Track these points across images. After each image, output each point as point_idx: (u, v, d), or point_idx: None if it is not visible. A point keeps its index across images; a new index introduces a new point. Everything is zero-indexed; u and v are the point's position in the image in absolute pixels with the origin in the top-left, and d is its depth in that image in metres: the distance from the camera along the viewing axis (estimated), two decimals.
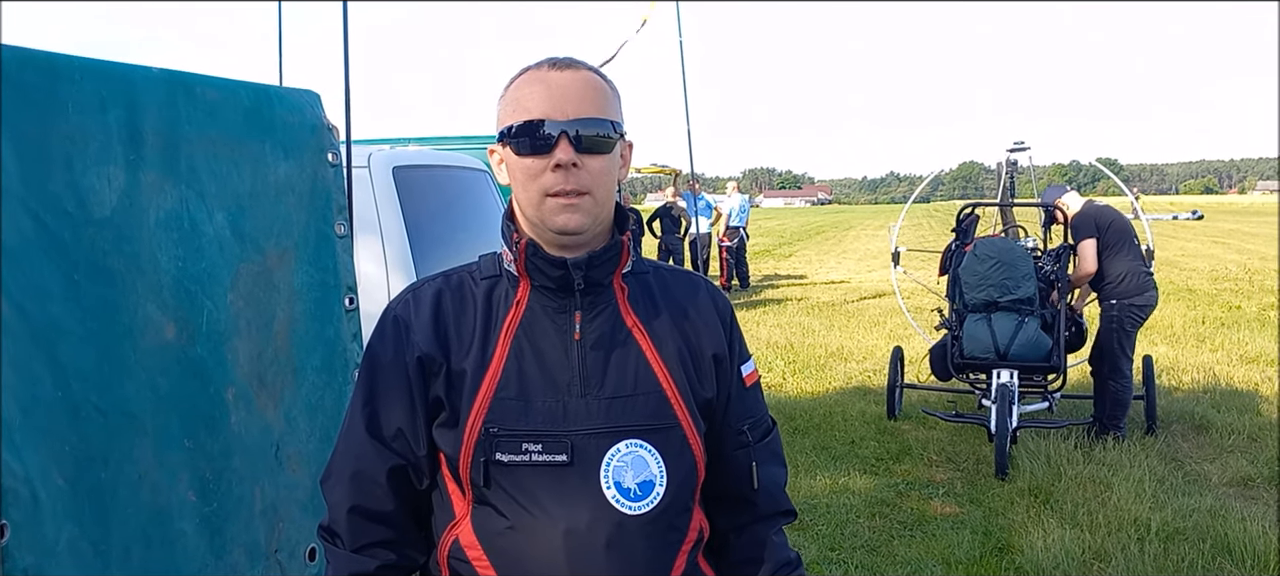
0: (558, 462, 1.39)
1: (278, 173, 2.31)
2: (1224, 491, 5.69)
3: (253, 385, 2.20)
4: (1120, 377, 6.60)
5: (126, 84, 1.98)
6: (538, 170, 1.39)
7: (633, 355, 1.46)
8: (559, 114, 1.38)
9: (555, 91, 1.40)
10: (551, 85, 1.40)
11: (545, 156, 1.38)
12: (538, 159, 1.39)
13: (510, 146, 1.42)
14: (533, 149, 1.39)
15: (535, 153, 1.39)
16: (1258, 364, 9.46)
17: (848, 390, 8.58)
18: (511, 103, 1.43)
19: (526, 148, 1.40)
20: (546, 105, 1.39)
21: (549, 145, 1.38)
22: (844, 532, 5.08)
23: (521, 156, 1.41)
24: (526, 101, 1.40)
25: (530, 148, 1.39)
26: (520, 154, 1.41)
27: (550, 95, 1.39)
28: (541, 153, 1.39)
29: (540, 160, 1.39)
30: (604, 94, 1.44)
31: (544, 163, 1.39)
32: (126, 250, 1.95)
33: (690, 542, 1.49)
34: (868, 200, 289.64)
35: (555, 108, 1.39)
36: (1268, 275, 18.89)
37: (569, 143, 1.38)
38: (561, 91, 1.40)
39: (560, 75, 1.41)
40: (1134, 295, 6.53)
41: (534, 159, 1.39)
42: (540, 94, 1.40)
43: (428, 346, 1.44)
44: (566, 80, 1.41)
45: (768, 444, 1.63)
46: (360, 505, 1.45)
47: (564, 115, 1.38)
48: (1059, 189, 7.16)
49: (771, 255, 27.88)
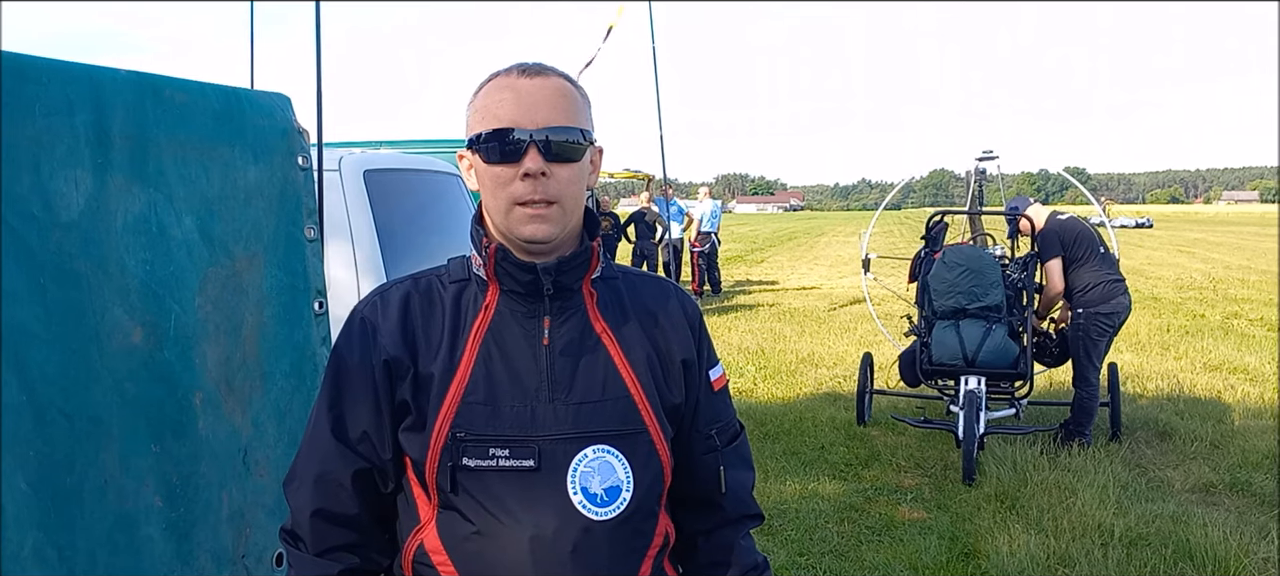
0: (525, 468, 1.39)
1: (247, 176, 2.30)
2: (1186, 497, 5.77)
3: (221, 389, 2.19)
4: (1086, 386, 6.67)
5: (94, 86, 1.96)
6: (506, 178, 1.39)
7: (601, 360, 1.46)
8: (528, 121, 1.38)
9: (525, 99, 1.39)
10: (521, 92, 1.40)
11: (514, 164, 1.38)
12: (507, 167, 1.39)
13: (479, 153, 1.42)
14: (502, 157, 1.39)
15: (504, 160, 1.39)
16: (1220, 371, 9.60)
17: (818, 396, 8.62)
18: (481, 109, 1.42)
19: (495, 155, 1.39)
20: (516, 112, 1.38)
21: (518, 153, 1.38)
22: (812, 538, 5.11)
23: (490, 164, 1.40)
24: (496, 108, 1.40)
25: (499, 155, 1.39)
26: (489, 161, 1.40)
27: (520, 102, 1.39)
28: (510, 160, 1.38)
29: (509, 168, 1.39)
30: (574, 101, 1.43)
31: (513, 170, 1.38)
32: (93, 253, 1.93)
33: (656, 547, 1.50)
34: (840, 206, 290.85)
35: (524, 115, 1.38)
36: (1231, 283, 19.17)
37: (538, 151, 1.38)
38: (531, 98, 1.39)
39: (530, 82, 1.41)
40: (1099, 304, 6.59)
41: (503, 166, 1.39)
42: (510, 101, 1.39)
43: (395, 349, 1.44)
44: (536, 87, 1.41)
45: (736, 448, 1.64)
46: (324, 508, 1.44)
47: (534, 122, 1.38)
48: (1024, 200, 7.21)
49: (743, 261, 27.95)
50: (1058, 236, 6.70)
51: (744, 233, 49.56)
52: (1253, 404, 8.09)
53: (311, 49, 2.54)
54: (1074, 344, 6.71)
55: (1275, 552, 4.77)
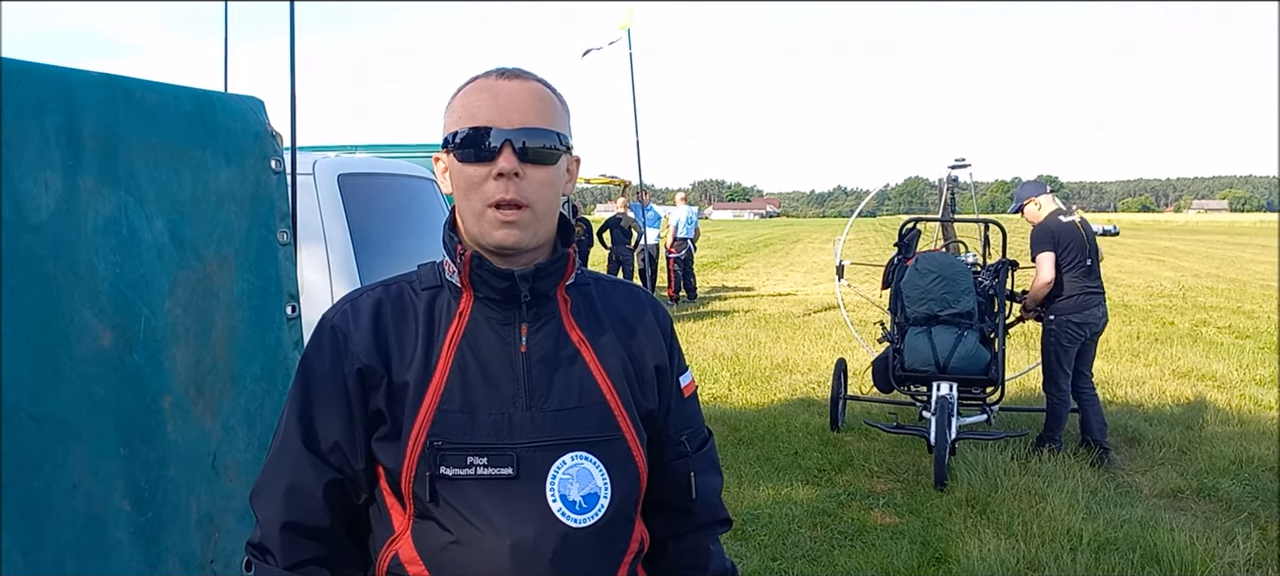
0: (503, 476, 1.38)
1: (219, 179, 2.29)
2: (1154, 502, 5.83)
3: (190, 393, 2.18)
4: (1056, 391, 6.73)
5: (65, 87, 1.95)
6: (480, 178, 1.38)
7: (577, 367, 1.46)
8: (504, 122, 1.38)
9: (502, 100, 1.39)
10: (499, 94, 1.40)
11: (488, 164, 1.38)
12: (480, 167, 1.38)
13: (454, 154, 1.41)
14: (476, 156, 1.38)
15: (478, 160, 1.38)
16: (1189, 378, 9.72)
17: (792, 401, 8.66)
18: (458, 110, 1.42)
19: (470, 155, 1.39)
20: (492, 113, 1.38)
21: (492, 153, 1.37)
22: (785, 543, 5.13)
23: (464, 164, 1.39)
24: (473, 109, 1.40)
25: (474, 155, 1.38)
26: (463, 161, 1.40)
27: (497, 103, 1.39)
28: (484, 160, 1.38)
29: (483, 168, 1.38)
30: (552, 105, 1.43)
31: (486, 171, 1.38)
32: (63, 256, 1.92)
33: (632, 553, 1.50)
34: (816, 213, 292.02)
35: (500, 116, 1.38)
36: (1200, 292, 19.40)
37: (513, 151, 1.37)
38: (508, 100, 1.39)
39: (508, 84, 1.41)
40: (1073, 313, 6.63)
41: (477, 167, 1.38)
42: (487, 102, 1.39)
43: (368, 358, 1.42)
44: (514, 89, 1.40)
45: (705, 453, 1.65)
46: (294, 520, 1.41)
47: (509, 123, 1.38)
48: (1037, 187, 7.03)
49: (719, 267, 28.01)
50: (1051, 234, 6.68)
51: (720, 239, 49.67)
52: (1220, 410, 8.19)
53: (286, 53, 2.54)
54: (1045, 349, 6.77)
55: (1241, 557, 4.84)
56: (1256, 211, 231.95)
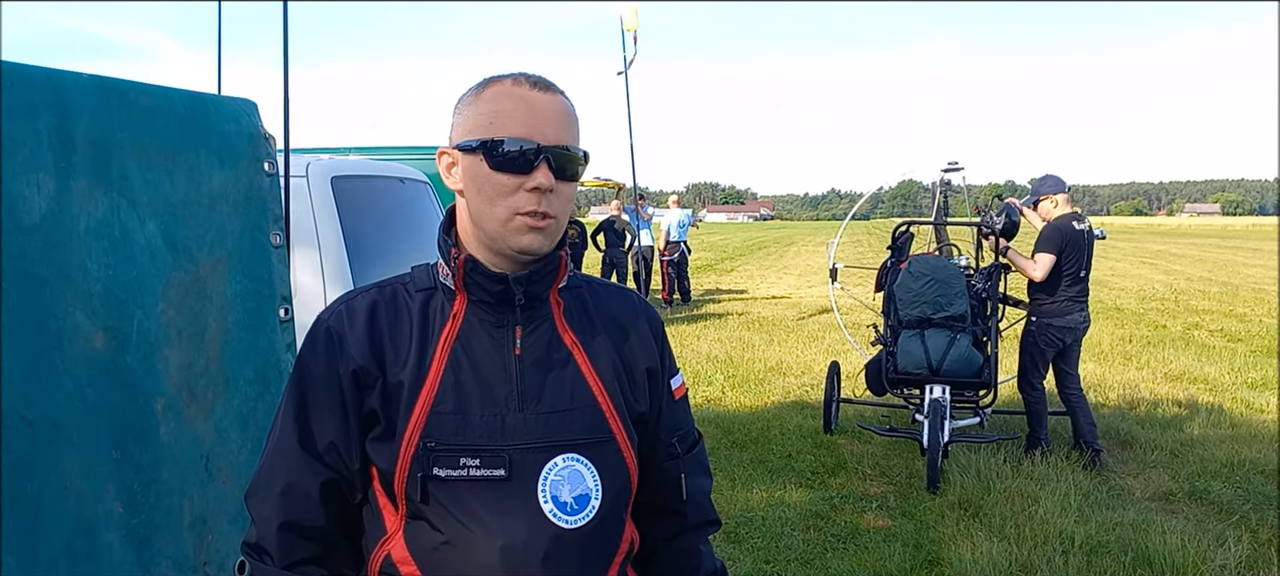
0: (495, 477, 1.39)
1: (212, 181, 2.30)
2: (1146, 505, 5.85)
3: (183, 396, 2.18)
4: (1032, 391, 6.80)
5: (58, 90, 1.96)
6: (511, 188, 1.39)
7: (569, 369, 1.47)
8: (541, 137, 1.39)
9: (538, 113, 1.40)
10: (534, 106, 1.40)
11: (522, 176, 1.38)
12: (513, 177, 1.39)
13: (484, 158, 1.40)
14: (513, 167, 1.38)
15: (514, 171, 1.38)
16: (1181, 381, 9.75)
17: (786, 404, 8.67)
18: (488, 114, 1.41)
19: (504, 164, 1.39)
20: (529, 126, 1.39)
21: (529, 166, 1.38)
22: (778, 545, 5.14)
23: (497, 172, 1.39)
24: (508, 116, 1.40)
25: (510, 165, 1.39)
26: (496, 169, 1.39)
27: (533, 115, 1.40)
28: (520, 171, 1.38)
29: (515, 178, 1.39)
30: (576, 122, 1.46)
31: (519, 182, 1.39)
32: (55, 258, 1.92)
33: (622, 554, 1.52)
34: (810, 216, 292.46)
35: (537, 130, 1.39)
36: (1192, 295, 19.46)
37: (550, 168, 1.39)
38: (544, 114, 1.40)
39: (542, 96, 1.42)
40: (1055, 317, 6.65)
41: (509, 176, 1.39)
42: (523, 112, 1.40)
43: (363, 359, 1.43)
44: (548, 103, 1.42)
45: (695, 455, 1.66)
46: (291, 520, 1.43)
47: (546, 139, 1.39)
48: (1058, 183, 6.93)
49: (713, 270, 28.03)
50: (1062, 237, 6.61)
51: (714, 241, 49.71)
52: (1212, 414, 8.21)
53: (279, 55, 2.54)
54: (1023, 349, 6.82)
55: (1233, 560, 4.85)
56: (1249, 215, 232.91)
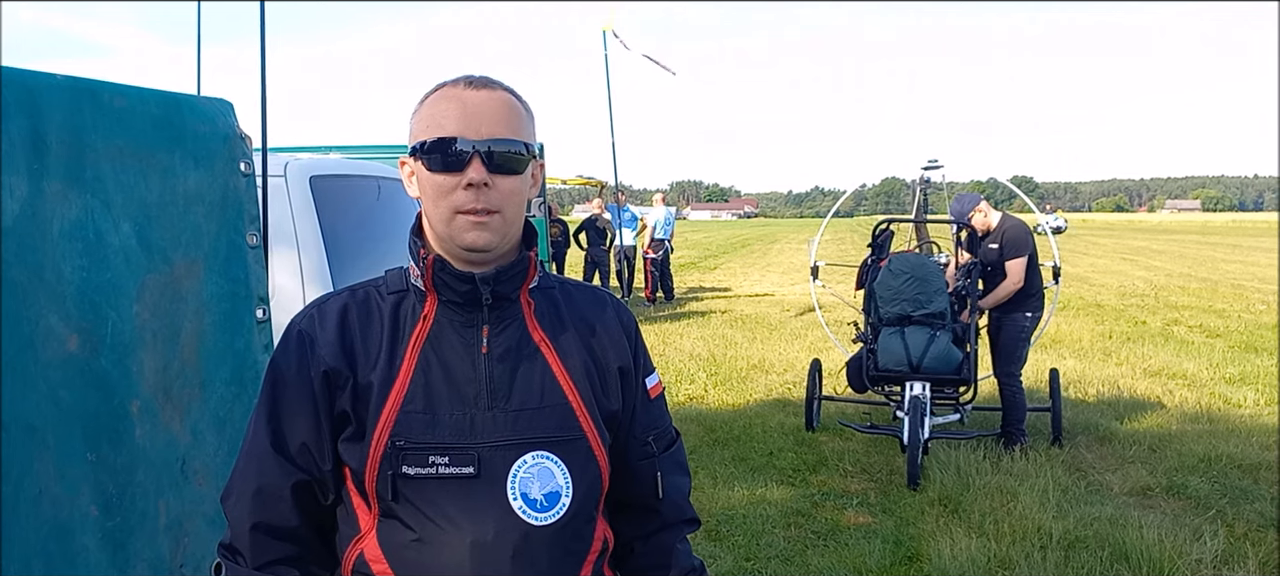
0: (464, 475, 1.40)
1: (187, 182, 2.29)
2: (1124, 500, 5.90)
3: (158, 398, 2.17)
4: (1013, 382, 6.93)
5: (30, 91, 1.95)
6: (449, 187, 1.41)
7: (539, 368, 1.48)
8: (473, 133, 1.40)
9: (470, 110, 1.41)
10: (467, 104, 1.42)
11: (457, 174, 1.40)
12: (449, 176, 1.41)
13: (423, 162, 1.43)
14: (445, 166, 1.41)
15: (447, 170, 1.41)
16: (1160, 377, 9.83)
17: (768, 402, 8.69)
18: (426, 118, 1.44)
19: (439, 164, 1.41)
20: (461, 123, 1.40)
21: (462, 163, 1.40)
22: (759, 543, 5.15)
23: (433, 173, 1.42)
24: (441, 118, 1.42)
25: (442, 165, 1.41)
26: (432, 170, 1.42)
27: (465, 113, 1.41)
28: (454, 170, 1.40)
29: (452, 177, 1.40)
30: (518, 114, 1.46)
31: (456, 180, 1.40)
32: (29, 260, 1.92)
33: (595, 552, 1.53)
34: (793, 214, 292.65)
35: (469, 126, 1.40)
36: (1172, 291, 19.60)
37: (481, 162, 1.40)
38: (476, 110, 1.41)
39: (475, 94, 1.43)
40: (1038, 309, 6.93)
41: (446, 176, 1.41)
42: (455, 112, 1.41)
43: (334, 360, 1.45)
44: (481, 99, 1.43)
45: (672, 454, 1.67)
46: (264, 521, 1.44)
47: (478, 134, 1.40)
48: (973, 199, 7.17)
49: (697, 268, 28.05)
50: (1029, 238, 6.85)
51: (698, 239, 49.75)
52: (1190, 409, 8.29)
53: None
54: (1007, 343, 6.95)
55: (1209, 554, 4.90)
56: (1228, 211, 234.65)
